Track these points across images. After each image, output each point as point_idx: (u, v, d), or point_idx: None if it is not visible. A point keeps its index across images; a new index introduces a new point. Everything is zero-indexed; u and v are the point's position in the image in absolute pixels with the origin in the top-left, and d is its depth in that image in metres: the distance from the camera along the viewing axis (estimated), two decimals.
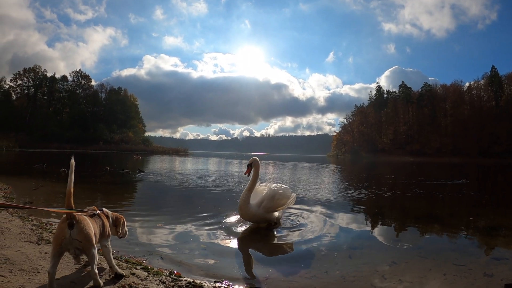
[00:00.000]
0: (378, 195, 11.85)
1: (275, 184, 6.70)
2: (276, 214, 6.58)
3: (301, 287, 3.77)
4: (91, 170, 19.90)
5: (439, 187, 14.79)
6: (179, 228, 6.32)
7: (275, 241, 5.72)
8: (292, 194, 6.78)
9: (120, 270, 3.61)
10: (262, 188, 6.79)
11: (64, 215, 3.07)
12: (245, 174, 6.61)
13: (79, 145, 79.68)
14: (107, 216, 3.64)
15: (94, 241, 3.11)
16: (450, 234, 6.56)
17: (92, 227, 3.15)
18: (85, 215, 3.25)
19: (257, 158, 6.57)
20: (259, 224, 6.46)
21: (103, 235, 3.47)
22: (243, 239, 5.80)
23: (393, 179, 20.38)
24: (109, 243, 3.58)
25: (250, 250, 5.28)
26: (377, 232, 6.75)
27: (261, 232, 6.14)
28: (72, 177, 3.19)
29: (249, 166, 6.51)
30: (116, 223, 3.75)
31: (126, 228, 3.88)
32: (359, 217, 8.02)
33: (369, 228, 7.01)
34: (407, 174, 26.74)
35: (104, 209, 3.71)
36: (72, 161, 3.20)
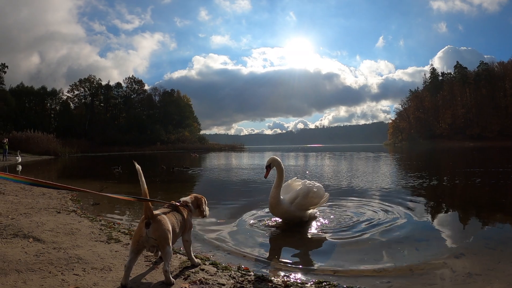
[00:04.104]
0: (438, 184, 11.42)
1: (309, 182, 6.47)
2: (309, 212, 6.42)
3: (370, 280, 3.70)
4: (150, 170, 20.54)
5: (504, 175, 13.94)
6: (240, 223, 6.42)
7: (338, 234, 5.60)
8: (326, 193, 6.56)
9: (196, 260, 3.84)
10: (296, 184, 6.62)
11: (143, 215, 3.23)
12: (265, 177, 6.37)
13: (138, 147, 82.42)
14: (187, 206, 3.77)
15: (169, 240, 3.23)
16: None
17: (168, 226, 3.28)
18: (163, 212, 3.43)
19: (275, 156, 6.27)
20: (290, 222, 6.25)
21: (184, 230, 3.62)
22: (303, 233, 5.77)
23: (453, 167, 19.59)
24: (191, 236, 3.75)
25: (312, 243, 5.26)
26: (441, 222, 6.52)
27: (322, 226, 6.07)
28: (143, 179, 3.33)
29: (268, 167, 6.19)
30: (198, 204, 3.90)
31: (207, 207, 4.03)
32: (420, 207, 7.72)
33: (432, 219, 6.77)
34: (468, 161, 25.50)
35: (182, 199, 3.85)
36: (137, 166, 3.32)
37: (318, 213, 6.78)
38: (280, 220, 6.39)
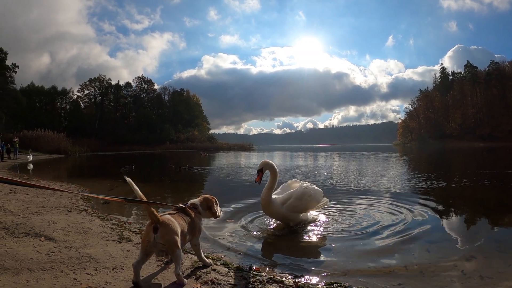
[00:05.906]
0: (448, 186, 11.30)
1: (307, 184, 6.27)
2: (304, 216, 6.20)
3: (381, 282, 3.68)
4: (160, 169, 20.65)
5: None
6: (249, 223, 6.43)
7: (347, 235, 5.57)
8: (324, 198, 6.40)
9: (208, 260, 3.83)
10: (294, 185, 6.42)
11: (150, 220, 3.21)
12: (256, 181, 6.09)
13: (148, 146, 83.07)
14: (195, 208, 3.71)
15: (178, 243, 3.19)
16: None
17: (177, 229, 3.24)
18: (170, 214, 3.40)
19: (267, 160, 6.17)
20: (284, 223, 6.12)
21: (193, 233, 3.58)
22: (313, 235, 5.73)
23: (463, 168, 19.44)
24: (199, 240, 3.73)
25: (322, 245, 5.22)
26: (452, 224, 6.47)
27: (331, 228, 6.03)
28: (135, 187, 3.32)
29: (260, 171, 6.07)
30: (209, 205, 3.81)
31: (219, 208, 3.93)
32: (430, 208, 7.59)
33: (443, 221, 6.68)
34: (479, 161, 25.25)
35: (190, 201, 3.80)
36: (128, 179, 3.33)
37: (319, 219, 6.54)
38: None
